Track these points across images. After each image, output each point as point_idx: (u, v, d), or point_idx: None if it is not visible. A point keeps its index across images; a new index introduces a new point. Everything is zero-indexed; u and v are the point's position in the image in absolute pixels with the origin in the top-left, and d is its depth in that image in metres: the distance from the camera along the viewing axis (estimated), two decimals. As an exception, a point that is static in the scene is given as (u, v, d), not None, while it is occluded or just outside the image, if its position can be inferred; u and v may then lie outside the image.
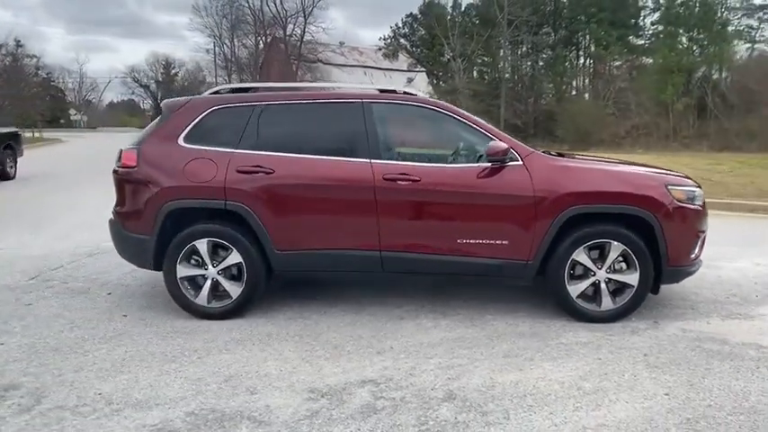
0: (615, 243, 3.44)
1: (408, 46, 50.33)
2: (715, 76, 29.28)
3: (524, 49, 43.59)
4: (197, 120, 3.72)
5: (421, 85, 39.18)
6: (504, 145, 3.43)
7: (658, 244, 3.43)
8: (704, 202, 3.68)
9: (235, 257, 3.60)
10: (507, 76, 41.05)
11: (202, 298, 3.67)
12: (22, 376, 2.87)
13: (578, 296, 3.53)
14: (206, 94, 4.07)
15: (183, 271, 3.65)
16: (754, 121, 24.20)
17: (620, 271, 3.52)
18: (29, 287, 4.43)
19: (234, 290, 3.65)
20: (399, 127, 3.72)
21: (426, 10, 50.33)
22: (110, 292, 4.33)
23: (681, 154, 21.72)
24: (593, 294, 3.54)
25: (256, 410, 2.50)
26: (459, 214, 3.53)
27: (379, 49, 43.57)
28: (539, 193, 3.42)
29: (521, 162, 3.48)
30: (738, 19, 33.12)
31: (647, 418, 2.39)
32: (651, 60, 34.37)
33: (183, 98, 4.02)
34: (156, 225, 3.62)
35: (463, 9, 43.65)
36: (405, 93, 3.82)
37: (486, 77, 42.31)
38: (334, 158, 3.60)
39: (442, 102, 3.84)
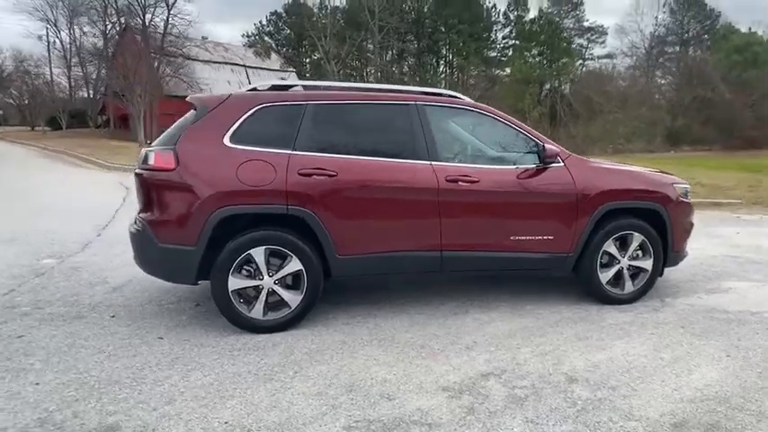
0: (636, 234, 3.98)
1: (273, 45, 49.33)
2: (562, 88, 33.64)
3: (392, 54, 45.50)
4: (243, 118, 3.45)
5: (294, 86, 38.71)
6: (556, 148, 3.77)
7: (667, 233, 4.04)
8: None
9: (294, 265, 3.42)
10: (375, 80, 42.34)
11: (258, 311, 3.42)
12: (109, 416, 2.46)
13: (607, 282, 4.00)
14: (244, 90, 3.78)
15: (235, 283, 3.37)
16: (594, 128, 28.35)
17: (637, 258, 4.06)
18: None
19: (293, 300, 3.46)
20: (450, 129, 3.83)
21: (292, 9, 49.73)
22: (113, 315, 3.78)
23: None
24: (617, 280, 4.04)
25: (413, 415, 2.48)
26: (513, 213, 3.78)
27: (250, 47, 42.11)
28: (580, 191, 3.82)
29: (562, 164, 3.84)
30: (572, 38, 38.61)
31: (733, 375, 2.88)
32: (507, 71, 38.30)
33: (219, 94, 3.68)
34: (204, 234, 3.29)
35: (329, 11, 44.09)
36: (450, 96, 3.96)
37: (364, 80, 43.37)
38: (396, 161, 3.61)
39: (485, 105, 4.04)
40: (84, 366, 2.96)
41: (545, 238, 3.82)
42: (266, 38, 49.61)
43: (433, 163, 3.63)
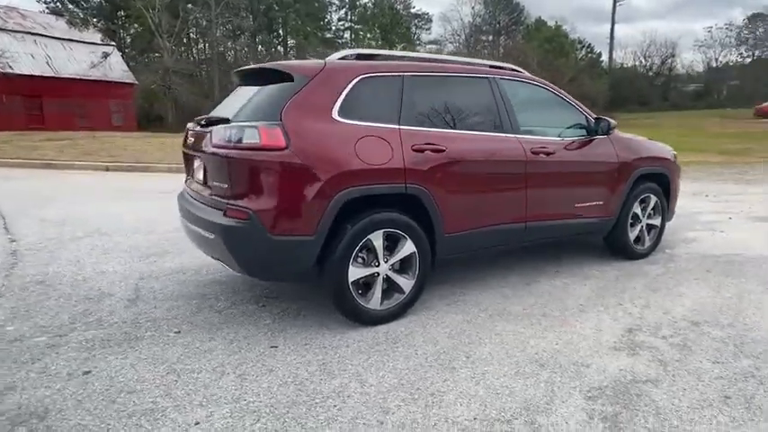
0: (653, 196, 4.55)
1: (81, 14, 42.79)
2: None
3: (228, 30, 42.77)
4: (347, 90, 3.07)
5: (116, 62, 34.08)
6: (614, 121, 4.09)
7: (670, 194, 4.70)
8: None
9: (409, 248, 3.20)
10: (213, 57, 39.53)
11: (376, 300, 3.15)
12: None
13: (633, 241, 4.51)
14: (333, 58, 3.32)
15: (354, 273, 3.04)
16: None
17: (650, 217, 4.65)
18: (47, 344, 2.83)
19: (407, 284, 3.25)
20: (521, 102, 3.87)
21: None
22: (178, 330, 3.11)
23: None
24: (639, 238, 4.58)
25: (626, 375, 2.58)
26: (577, 181, 4.03)
27: (53, 14, 35.71)
28: (621, 160, 4.22)
29: (605, 135, 4.19)
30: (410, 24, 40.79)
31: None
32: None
33: (313, 62, 3.19)
34: (325, 221, 2.89)
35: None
36: (513, 69, 4.00)
37: (194, 58, 39.87)
38: (492, 134, 3.58)
39: (540, 78, 4.16)
40: (240, 393, 2.42)
41: (598, 203, 4.15)
42: (71, 6, 42.64)
43: (517, 136, 3.68)
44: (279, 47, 47.63)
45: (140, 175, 11.17)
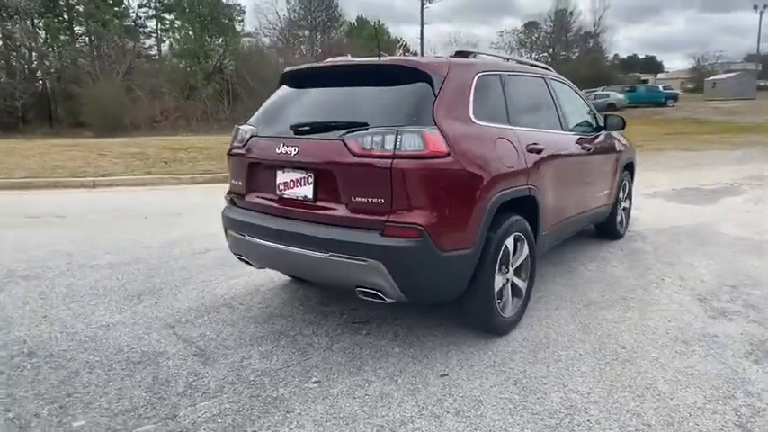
0: (627, 182, 5.19)
1: None
2: (230, 64, 33.12)
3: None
4: (473, 89, 2.87)
5: None
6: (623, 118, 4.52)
7: (633, 179, 5.42)
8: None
9: (525, 250, 3.16)
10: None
11: (508, 308, 3.05)
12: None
13: (618, 223, 5.09)
14: (450, 57, 3.02)
15: (497, 281, 2.89)
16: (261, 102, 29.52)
17: (624, 200, 5.29)
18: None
19: (524, 287, 3.20)
20: (562, 100, 4.00)
21: None
22: (317, 380, 2.58)
23: (222, 133, 23.84)
24: (621, 220, 5.17)
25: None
26: (602, 172, 4.40)
27: None
28: (618, 150, 4.73)
29: (608, 131, 4.64)
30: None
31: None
32: (165, 46, 35.12)
33: (435, 59, 2.85)
34: (482, 230, 2.70)
35: None
36: (545, 68, 4.13)
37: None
38: (558, 132, 3.69)
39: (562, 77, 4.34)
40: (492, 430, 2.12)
41: (607, 192, 4.58)
42: None
43: (569, 133, 3.87)
44: (79, 34, 40.88)
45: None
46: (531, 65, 4.02)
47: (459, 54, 3.20)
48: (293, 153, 2.73)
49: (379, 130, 2.52)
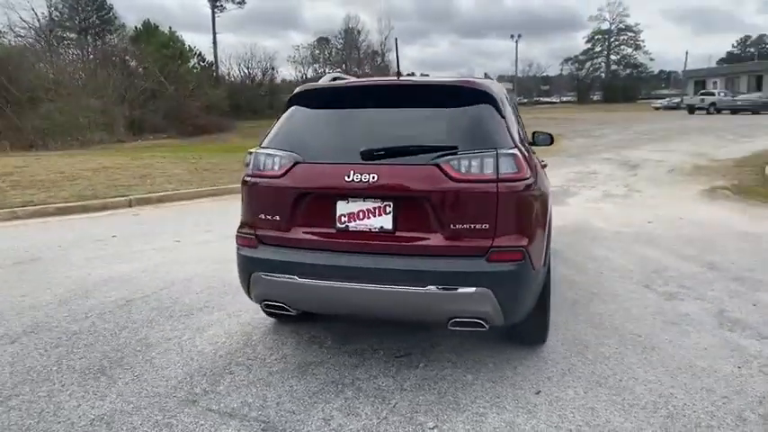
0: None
1: None
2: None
3: None
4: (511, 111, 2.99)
5: None
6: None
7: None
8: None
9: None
10: None
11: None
12: None
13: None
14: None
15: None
16: (37, 119, 24.82)
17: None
18: None
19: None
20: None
21: None
22: (431, 425, 2.38)
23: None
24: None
25: None
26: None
27: None
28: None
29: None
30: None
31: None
32: None
33: (481, 80, 2.84)
34: (547, 247, 2.84)
35: None
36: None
37: None
38: None
39: None
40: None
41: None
42: None
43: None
44: None
45: None
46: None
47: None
48: (372, 180, 2.46)
49: (476, 153, 2.45)
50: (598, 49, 67.97)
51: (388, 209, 2.50)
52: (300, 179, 2.61)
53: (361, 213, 2.54)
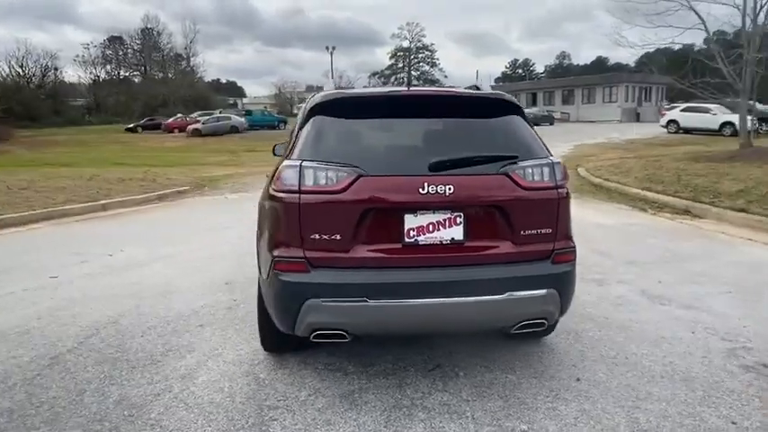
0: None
1: None
2: None
3: None
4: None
5: None
6: None
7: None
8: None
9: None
10: None
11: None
12: None
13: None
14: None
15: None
16: None
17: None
18: None
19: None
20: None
21: None
22: (522, 428, 2.43)
23: None
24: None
25: (634, 291, 4.38)
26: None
27: None
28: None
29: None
30: None
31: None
32: None
33: (502, 92, 2.89)
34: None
35: None
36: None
37: None
38: None
39: None
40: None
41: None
42: None
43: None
44: None
45: None
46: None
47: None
48: (448, 192, 2.41)
49: (536, 162, 2.58)
50: (401, 64, 73.97)
51: (458, 219, 2.48)
52: (366, 193, 2.42)
53: (431, 226, 2.47)
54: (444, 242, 2.49)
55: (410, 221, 2.46)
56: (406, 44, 74.05)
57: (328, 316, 2.44)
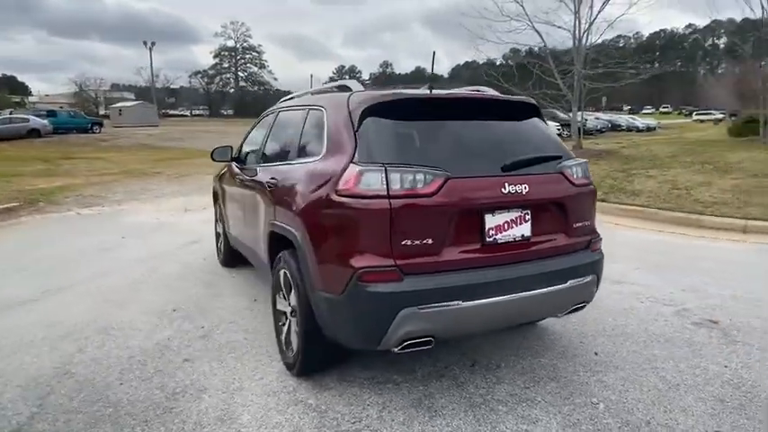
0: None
1: None
2: None
3: None
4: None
5: None
6: None
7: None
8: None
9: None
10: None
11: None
12: None
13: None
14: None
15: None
16: None
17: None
18: None
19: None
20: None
21: None
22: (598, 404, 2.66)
23: None
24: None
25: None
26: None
27: None
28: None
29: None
30: None
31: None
32: None
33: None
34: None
35: None
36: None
37: None
38: None
39: None
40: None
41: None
42: None
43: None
44: None
45: None
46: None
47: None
48: (524, 191, 2.51)
49: (575, 161, 2.83)
50: (226, 65, 70.44)
51: (527, 216, 2.60)
52: (455, 195, 2.39)
53: (506, 224, 2.55)
54: (516, 239, 2.59)
55: (490, 221, 2.51)
56: (231, 44, 70.93)
57: (424, 323, 2.36)
